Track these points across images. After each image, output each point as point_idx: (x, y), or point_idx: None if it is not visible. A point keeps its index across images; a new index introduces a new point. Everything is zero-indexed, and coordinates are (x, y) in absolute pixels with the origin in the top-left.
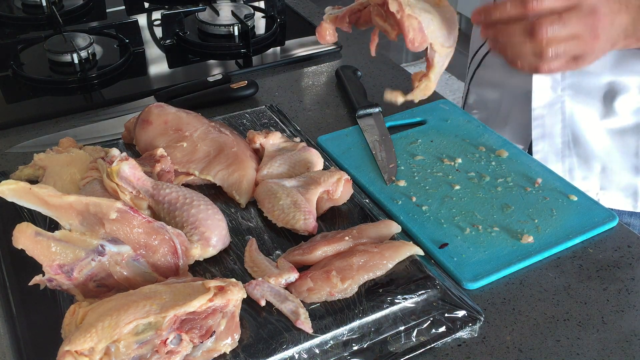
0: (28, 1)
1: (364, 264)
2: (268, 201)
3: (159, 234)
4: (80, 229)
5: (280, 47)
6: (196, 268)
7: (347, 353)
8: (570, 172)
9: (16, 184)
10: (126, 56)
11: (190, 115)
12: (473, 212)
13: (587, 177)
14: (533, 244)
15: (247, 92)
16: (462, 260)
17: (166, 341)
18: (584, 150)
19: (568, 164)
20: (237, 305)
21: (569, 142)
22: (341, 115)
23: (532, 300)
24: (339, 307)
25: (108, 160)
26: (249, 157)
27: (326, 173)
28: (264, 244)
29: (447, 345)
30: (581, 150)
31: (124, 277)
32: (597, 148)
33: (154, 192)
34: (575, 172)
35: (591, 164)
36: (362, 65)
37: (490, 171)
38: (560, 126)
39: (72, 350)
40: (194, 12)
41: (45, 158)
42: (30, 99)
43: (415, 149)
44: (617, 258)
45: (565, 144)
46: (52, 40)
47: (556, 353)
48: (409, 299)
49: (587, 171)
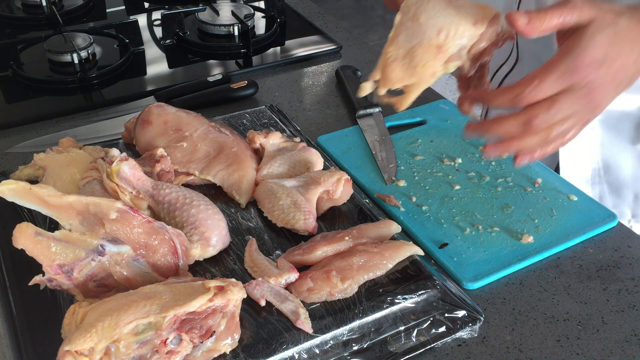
0: (28, 1)
1: (364, 264)
2: (268, 201)
3: (159, 234)
4: (80, 229)
5: (280, 47)
6: (196, 268)
7: (347, 353)
8: (600, 199)
9: (16, 184)
10: (126, 56)
11: (190, 115)
12: (473, 212)
13: (619, 205)
14: (533, 244)
15: (247, 92)
16: (462, 260)
17: (166, 341)
18: (615, 178)
19: (598, 191)
20: (237, 305)
21: (599, 169)
22: (341, 115)
23: (532, 300)
24: (339, 307)
25: (108, 160)
26: (249, 157)
27: (326, 173)
28: (264, 244)
29: (447, 345)
30: (612, 177)
31: (124, 277)
32: (629, 175)
33: (154, 192)
34: (606, 199)
35: (622, 192)
36: (362, 65)
37: (490, 171)
38: (590, 152)
39: (72, 350)
40: (194, 12)
41: (45, 158)
42: (30, 99)
43: (415, 149)
44: (617, 258)
45: (595, 171)
46: (52, 40)
47: (556, 353)
48: (409, 299)
49: (618, 199)
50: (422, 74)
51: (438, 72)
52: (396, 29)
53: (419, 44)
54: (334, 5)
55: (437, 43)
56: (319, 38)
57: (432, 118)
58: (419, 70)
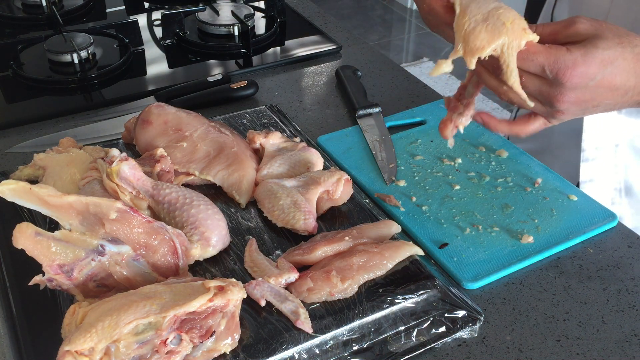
0: (28, 1)
1: (364, 264)
2: (268, 201)
3: (159, 234)
4: (80, 229)
5: (280, 47)
6: (196, 268)
7: (347, 353)
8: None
9: (16, 184)
10: (126, 56)
11: (190, 115)
12: (473, 212)
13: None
14: (533, 244)
15: (247, 92)
16: (462, 260)
17: (166, 341)
18: (636, 201)
19: (618, 211)
20: (237, 305)
21: (620, 189)
22: (341, 115)
23: (532, 300)
24: (339, 307)
25: (108, 160)
26: (249, 157)
27: (326, 173)
28: (264, 244)
29: (447, 345)
30: (633, 200)
31: (124, 277)
32: None
33: (154, 192)
34: (625, 220)
35: None
36: (362, 65)
37: (490, 171)
38: (614, 172)
39: (72, 350)
40: (194, 12)
41: (45, 158)
42: (30, 99)
43: (415, 149)
44: (617, 258)
45: (617, 191)
46: (52, 40)
47: (556, 353)
48: (409, 299)
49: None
50: (512, 30)
51: (528, 32)
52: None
53: (498, 6)
54: (334, 5)
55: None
56: (319, 38)
57: (432, 118)
58: (508, 26)
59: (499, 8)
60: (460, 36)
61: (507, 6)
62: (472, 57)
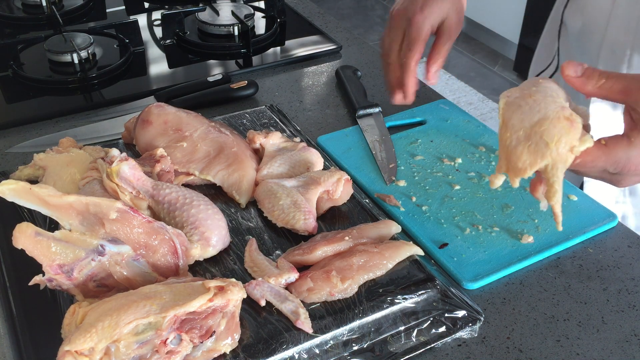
0: (28, 1)
1: (364, 264)
2: (268, 201)
3: (159, 234)
4: (80, 229)
5: (280, 47)
6: (196, 268)
7: (347, 353)
8: (623, 219)
9: (16, 184)
10: (126, 56)
11: (190, 115)
12: (473, 212)
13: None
14: (533, 244)
15: (247, 92)
16: (462, 260)
17: (166, 341)
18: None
19: (622, 210)
20: (237, 305)
21: (624, 189)
22: (341, 115)
23: (532, 300)
24: (339, 307)
25: (108, 160)
26: (249, 157)
27: (326, 173)
28: (264, 244)
29: (447, 345)
30: (637, 199)
31: (124, 277)
32: None
33: (154, 192)
34: (628, 220)
35: None
36: (362, 65)
37: (490, 171)
38: None
39: (72, 350)
40: (194, 12)
41: (45, 158)
42: (30, 99)
43: (415, 149)
44: (617, 258)
45: (620, 190)
46: (52, 40)
47: (556, 353)
48: (409, 299)
49: None
50: (557, 151)
51: (577, 148)
52: (504, 113)
53: (542, 119)
54: (334, 5)
55: (564, 115)
56: (319, 38)
57: (432, 118)
58: (552, 147)
59: (544, 122)
60: (503, 152)
61: (555, 114)
62: (516, 178)
